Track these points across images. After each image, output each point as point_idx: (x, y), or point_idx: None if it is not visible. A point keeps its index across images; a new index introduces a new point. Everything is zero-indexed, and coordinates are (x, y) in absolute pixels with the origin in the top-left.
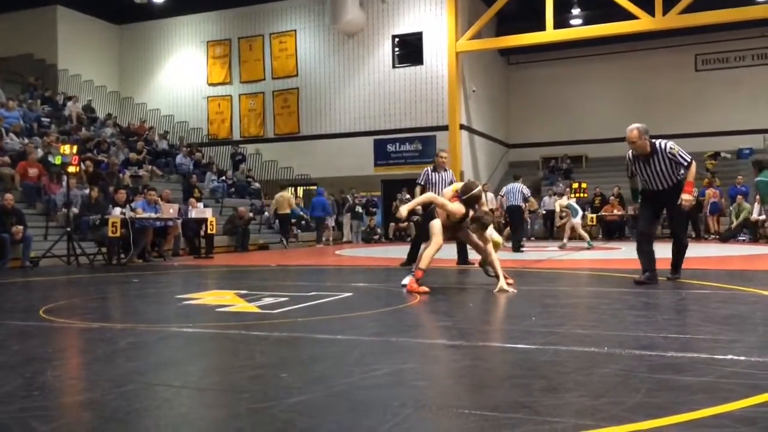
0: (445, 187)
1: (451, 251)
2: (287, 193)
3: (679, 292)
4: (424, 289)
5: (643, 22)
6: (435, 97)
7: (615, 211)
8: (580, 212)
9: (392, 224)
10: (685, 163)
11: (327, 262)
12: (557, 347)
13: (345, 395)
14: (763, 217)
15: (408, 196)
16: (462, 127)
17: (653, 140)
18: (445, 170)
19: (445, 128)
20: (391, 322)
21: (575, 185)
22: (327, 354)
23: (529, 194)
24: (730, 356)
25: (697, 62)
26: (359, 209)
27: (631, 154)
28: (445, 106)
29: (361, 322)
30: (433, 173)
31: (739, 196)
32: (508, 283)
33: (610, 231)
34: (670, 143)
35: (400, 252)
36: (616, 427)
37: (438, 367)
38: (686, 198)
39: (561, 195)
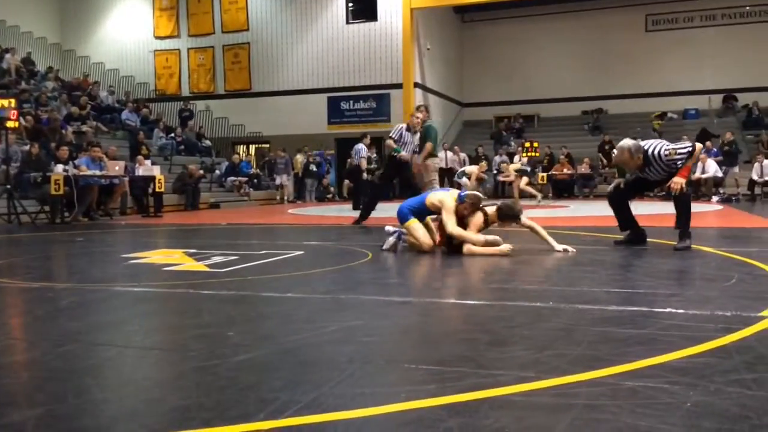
0: (414, 148)
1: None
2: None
3: (624, 248)
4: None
5: None
6: (389, 55)
7: (565, 170)
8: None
9: (346, 182)
10: (687, 156)
11: (279, 221)
12: (504, 302)
13: (292, 352)
14: (705, 175)
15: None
16: (416, 85)
17: (646, 148)
18: (417, 132)
19: (399, 86)
20: (342, 280)
21: (527, 144)
22: (275, 312)
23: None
24: (668, 309)
25: (648, 22)
26: (313, 168)
27: None
28: (400, 63)
29: (311, 280)
30: (407, 132)
31: None
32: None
33: (560, 190)
34: (665, 148)
35: (353, 211)
36: (557, 378)
37: (387, 323)
38: (676, 181)
39: (512, 155)
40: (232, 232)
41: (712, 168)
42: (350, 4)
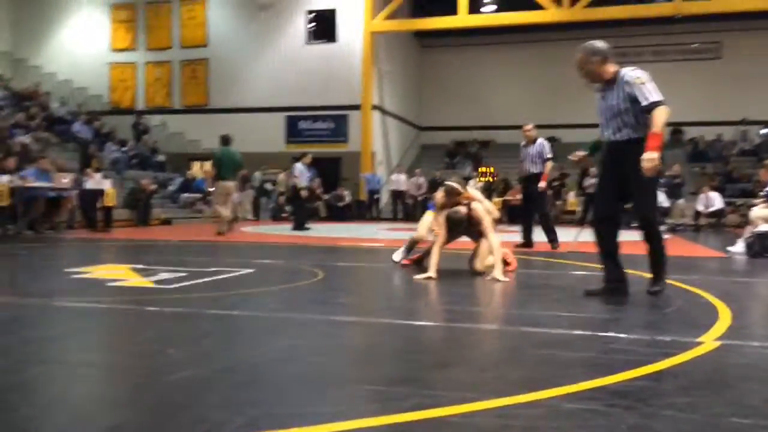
0: (535, 158)
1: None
2: None
3: (569, 273)
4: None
5: (551, 13)
6: (348, 76)
7: (518, 196)
8: None
9: None
10: (645, 102)
11: (232, 239)
12: (451, 324)
13: (232, 371)
14: None
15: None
16: (375, 107)
17: (621, 68)
18: (533, 142)
19: (357, 108)
20: (290, 299)
21: (483, 169)
22: (219, 330)
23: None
24: (610, 333)
25: None
26: (269, 186)
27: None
28: (359, 85)
29: (259, 299)
30: (524, 148)
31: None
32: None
33: (514, 214)
34: (640, 72)
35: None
36: (497, 399)
37: (332, 343)
38: (647, 157)
39: (468, 179)
40: (182, 248)
41: (659, 198)
42: (310, 25)
